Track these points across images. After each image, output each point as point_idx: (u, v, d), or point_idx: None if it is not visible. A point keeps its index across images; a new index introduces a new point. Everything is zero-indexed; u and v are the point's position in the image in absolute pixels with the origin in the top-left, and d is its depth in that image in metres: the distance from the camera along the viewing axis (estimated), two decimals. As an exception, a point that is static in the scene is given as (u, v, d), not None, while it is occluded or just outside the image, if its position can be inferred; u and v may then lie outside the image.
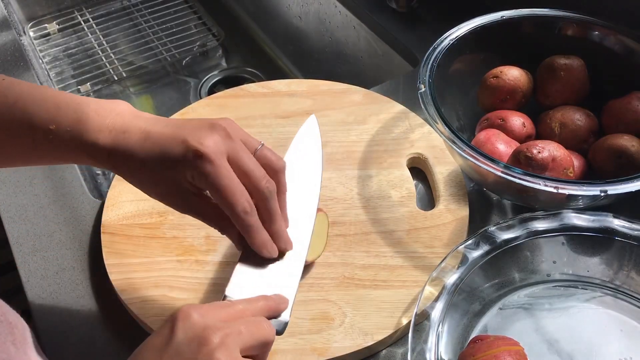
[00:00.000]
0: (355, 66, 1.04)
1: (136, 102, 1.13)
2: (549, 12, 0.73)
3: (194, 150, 0.45)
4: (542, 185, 0.55)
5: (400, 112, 0.76)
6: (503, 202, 0.68)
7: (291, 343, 0.55)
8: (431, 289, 0.54)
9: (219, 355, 0.37)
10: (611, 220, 0.57)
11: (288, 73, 1.20)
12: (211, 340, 0.37)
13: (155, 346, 0.38)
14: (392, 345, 0.57)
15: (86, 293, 0.61)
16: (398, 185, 0.68)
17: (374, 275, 0.60)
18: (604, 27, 0.71)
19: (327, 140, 0.74)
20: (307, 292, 0.59)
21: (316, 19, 1.10)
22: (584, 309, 0.58)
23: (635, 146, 0.62)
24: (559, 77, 0.69)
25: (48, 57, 1.14)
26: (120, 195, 0.68)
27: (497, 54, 0.73)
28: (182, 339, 0.38)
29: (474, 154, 0.58)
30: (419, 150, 0.71)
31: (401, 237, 0.63)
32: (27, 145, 0.50)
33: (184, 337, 0.38)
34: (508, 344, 0.50)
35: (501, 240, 0.57)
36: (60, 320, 0.58)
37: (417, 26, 0.92)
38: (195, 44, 1.19)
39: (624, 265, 0.58)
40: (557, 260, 0.59)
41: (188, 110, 0.78)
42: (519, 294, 0.59)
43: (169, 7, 1.24)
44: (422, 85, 0.65)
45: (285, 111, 0.78)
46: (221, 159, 0.46)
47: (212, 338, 0.37)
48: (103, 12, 1.25)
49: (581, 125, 0.66)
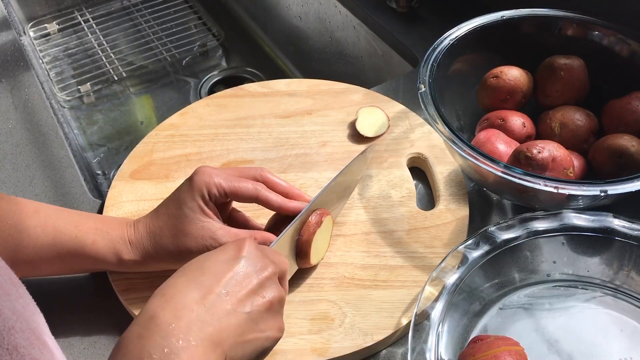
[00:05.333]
0: (355, 66, 1.04)
1: (136, 102, 1.13)
2: (549, 12, 0.73)
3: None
4: (542, 185, 0.55)
5: (400, 112, 0.76)
6: (503, 202, 0.68)
7: (291, 343, 0.55)
8: (431, 289, 0.54)
9: (271, 282, 0.46)
10: (611, 220, 0.57)
11: (288, 73, 1.20)
12: (268, 268, 0.46)
13: (221, 259, 0.45)
14: (392, 345, 0.57)
15: (86, 293, 0.61)
16: (398, 185, 0.68)
17: (374, 275, 0.60)
18: (604, 27, 0.71)
19: (327, 140, 0.74)
20: (307, 292, 0.59)
21: (316, 19, 1.10)
22: (584, 309, 0.58)
23: (635, 146, 0.62)
24: (559, 77, 0.69)
25: (48, 57, 1.14)
26: (120, 195, 0.68)
27: (497, 54, 0.73)
28: (248, 259, 0.45)
29: (474, 154, 0.58)
30: (419, 150, 0.71)
31: (401, 237, 0.63)
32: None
33: (249, 257, 0.46)
34: (508, 344, 0.50)
35: (501, 240, 0.57)
36: (60, 320, 0.58)
37: (417, 26, 0.92)
38: (195, 44, 1.19)
39: (624, 265, 0.58)
40: (557, 260, 0.59)
41: (188, 110, 0.78)
42: (519, 294, 0.59)
43: (169, 7, 1.24)
44: (422, 85, 0.65)
45: (285, 111, 0.78)
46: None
47: (269, 267, 0.46)
48: (103, 12, 1.25)
49: (581, 125, 0.66)
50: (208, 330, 0.41)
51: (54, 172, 0.73)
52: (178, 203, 0.55)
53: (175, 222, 0.55)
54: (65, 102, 1.08)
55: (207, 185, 0.54)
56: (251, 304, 0.44)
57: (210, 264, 0.45)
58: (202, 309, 0.42)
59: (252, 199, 0.56)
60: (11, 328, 0.28)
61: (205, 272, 0.44)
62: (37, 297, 0.33)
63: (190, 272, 0.44)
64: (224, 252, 0.46)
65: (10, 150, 0.75)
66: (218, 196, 0.55)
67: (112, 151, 1.03)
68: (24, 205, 0.55)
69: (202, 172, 0.55)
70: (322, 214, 0.58)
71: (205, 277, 0.43)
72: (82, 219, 0.57)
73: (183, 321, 0.40)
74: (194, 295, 0.42)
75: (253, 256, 0.46)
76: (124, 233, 0.56)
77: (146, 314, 0.41)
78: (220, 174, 0.56)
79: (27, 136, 0.77)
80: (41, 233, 0.54)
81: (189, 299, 0.42)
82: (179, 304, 0.41)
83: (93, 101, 1.11)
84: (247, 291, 0.44)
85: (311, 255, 0.57)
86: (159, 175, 0.70)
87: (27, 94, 0.84)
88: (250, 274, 0.45)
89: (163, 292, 0.43)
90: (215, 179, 0.55)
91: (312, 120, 0.76)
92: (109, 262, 0.56)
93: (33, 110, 0.81)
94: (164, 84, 1.15)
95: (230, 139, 0.74)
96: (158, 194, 0.68)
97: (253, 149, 0.73)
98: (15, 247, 0.54)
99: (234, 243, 0.47)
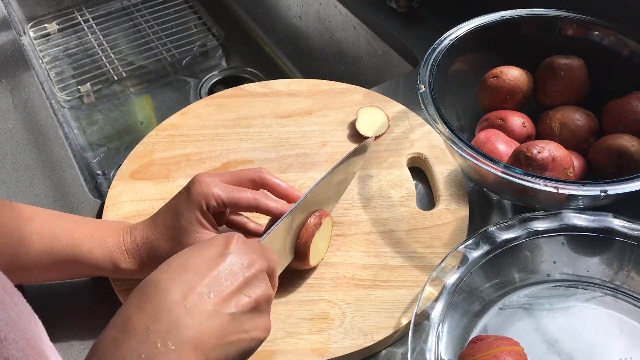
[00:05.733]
0: (355, 66, 1.04)
1: (136, 102, 1.13)
2: (549, 12, 0.73)
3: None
4: (542, 185, 0.55)
5: (400, 112, 0.76)
6: (503, 202, 0.68)
7: (291, 343, 0.55)
8: (431, 289, 0.54)
9: (258, 280, 0.44)
10: (611, 220, 0.57)
11: (288, 73, 1.20)
12: (256, 265, 0.45)
13: (207, 256, 0.43)
14: (392, 345, 0.57)
15: (86, 295, 0.61)
16: (398, 185, 0.68)
17: (374, 275, 0.60)
18: (604, 27, 0.71)
19: (327, 140, 0.74)
20: (307, 292, 0.59)
21: (316, 19, 1.10)
22: (584, 309, 0.58)
23: (635, 146, 0.62)
24: (559, 77, 0.69)
25: (48, 57, 1.14)
26: (120, 195, 0.68)
27: (497, 54, 0.73)
28: (235, 255, 0.44)
29: (474, 154, 0.58)
30: (419, 150, 0.71)
31: (401, 237, 0.63)
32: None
33: (237, 254, 0.44)
34: (508, 344, 0.50)
35: (501, 240, 0.57)
36: (60, 320, 0.58)
37: (417, 26, 0.92)
38: (195, 44, 1.19)
39: (624, 265, 0.58)
40: (557, 260, 0.59)
41: (188, 110, 0.78)
42: (519, 294, 0.59)
43: (169, 7, 1.24)
44: (422, 85, 0.65)
45: (285, 111, 0.78)
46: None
47: (256, 264, 0.45)
48: (103, 12, 1.25)
49: (581, 125, 0.66)
50: (188, 333, 0.39)
51: (54, 172, 0.73)
52: (175, 214, 0.54)
53: (172, 234, 0.54)
54: (65, 102, 1.08)
55: (206, 197, 0.53)
56: (236, 304, 0.42)
57: (195, 261, 0.43)
58: (182, 310, 0.40)
59: (252, 208, 0.55)
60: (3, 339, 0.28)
61: (188, 270, 0.42)
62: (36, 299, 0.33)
63: (173, 270, 0.42)
64: (210, 247, 0.44)
65: (10, 150, 0.75)
66: (217, 207, 0.54)
67: (112, 151, 1.03)
68: (20, 212, 0.54)
69: (200, 182, 0.54)
70: (322, 216, 0.58)
71: (188, 276, 0.42)
72: (78, 226, 0.56)
73: (162, 324, 0.39)
74: (175, 296, 0.40)
75: (240, 252, 0.44)
76: (121, 241, 0.55)
77: (123, 315, 0.40)
78: (218, 183, 0.54)
79: (27, 136, 0.77)
80: (37, 241, 0.53)
81: (169, 300, 0.40)
82: (158, 305, 0.39)
83: (93, 101, 1.11)
84: (231, 290, 0.42)
85: (310, 256, 0.57)
86: (159, 175, 0.70)
87: (27, 94, 0.84)
88: (236, 271, 0.43)
89: (143, 291, 0.41)
90: (214, 190, 0.53)
91: (312, 120, 0.76)
92: (105, 270, 0.55)
93: (33, 110, 0.81)
94: (164, 84, 1.15)
95: (230, 139, 0.74)
96: (158, 194, 0.68)
97: (253, 149, 0.73)
98: (11, 255, 0.53)
99: (222, 238, 0.45)
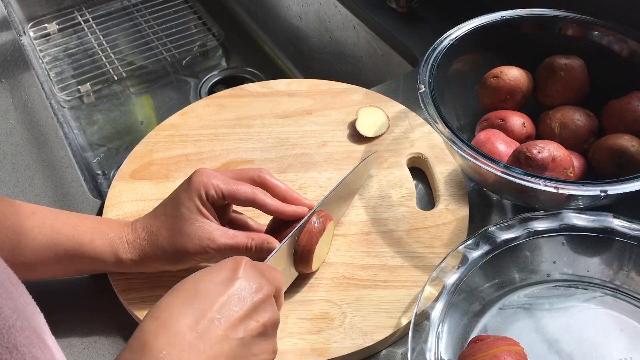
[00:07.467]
0: (355, 66, 1.04)
1: (136, 102, 1.13)
2: (549, 12, 0.73)
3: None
4: (542, 185, 0.55)
5: (400, 112, 0.76)
6: (503, 202, 0.68)
7: (291, 343, 0.55)
8: (431, 289, 0.54)
9: (265, 304, 0.46)
10: (611, 220, 0.57)
11: (288, 73, 1.20)
12: (264, 289, 0.46)
13: (216, 280, 0.45)
14: (392, 345, 0.57)
15: (86, 293, 0.61)
16: (398, 185, 0.68)
17: (374, 275, 0.60)
18: (604, 27, 0.71)
19: (327, 140, 0.74)
20: (307, 292, 0.59)
21: (316, 19, 1.10)
22: (584, 309, 0.58)
23: (635, 146, 0.62)
24: (559, 77, 0.69)
25: (48, 57, 1.14)
26: (120, 195, 0.68)
27: (497, 54, 0.73)
28: (243, 280, 0.45)
29: (474, 154, 0.58)
30: (419, 150, 0.71)
31: (401, 237, 0.63)
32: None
33: (245, 278, 0.45)
34: (508, 344, 0.50)
35: (501, 240, 0.57)
36: (61, 320, 0.58)
37: (417, 26, 0.92)
38: (195, 44, 1.19)
39: (624, 265, 0.58)
40: (557, 260, 0.59)
41: (188, 110, 0.78)
42: (519, 294, 0.59)
43: (169, 7, 1.24)
44: (422, 85, 0.65)
45: (285, 111, 0.78)
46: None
47: (264, 288, 0.46)
48: (103, 12, 1.25)
49: (581, 125, 0.66)
50: (200, 357, 0.41)
51: (54, 172, 0.73)
52: (176, 203, 0.55)
53: (172, 222, 0.55)
54: (65, 102, 1.08)
55: (205, 186, 0.54)
56: (244, 329, 0.44)
57: (205, 286, 0.44)
58: (194, 335, 0.41)
59: (250, 202, 0.56)
60: (11, 326, 0.28)
61: (199, 295, 0.44)
62: (37, 297, 0.33)
63: (185, 294, 0.44)
64: (220, 272, 0.46)
65: (10, 150, 0.75)
66: (216, 197, 0.55)
67: (112, 151, 1.03)
68: (21, 207, 0.55)
69: (201, 172, 0.55)
70: (325, 220, 0.57)
71: (199, 301, 0.43)
72: (80, 220, 0.57)
73: (175, 349, 0.40)
74: (187, 321, 0.42)
75: (249, 276, 0.45)
76: (122, 233, 0.56)
77: (139, 339, 0.41)
78: (218, 175, 0.56)
79: (27, 136, 0.77)
80: (39, 234, 0.54)
81: (182, 325, 0.42)
82: (171, 329, 0.41)
83: (93, 101, 1.11)
84: (240, 315, 0.44)
85: (313, 261, 0.57)
86: (159, 175, 0.70)
87: (27, 94, 0.84)
88: (245, 297, 0.44)
89: (157, 315, 0.43)
90: (214, 180, 0.55)
91: (312, 120, 0.76)
92: (107, 262, 0.56)
93: (33, 110, 0.81)
94: (164, 84, 1.15)
95: (230, 139, 0.74)
96: (158, 194, 0.68)
97: (253, 149, 0.73)
98: (13, 249, 0.53)
99: (231, 262, 0.47)
